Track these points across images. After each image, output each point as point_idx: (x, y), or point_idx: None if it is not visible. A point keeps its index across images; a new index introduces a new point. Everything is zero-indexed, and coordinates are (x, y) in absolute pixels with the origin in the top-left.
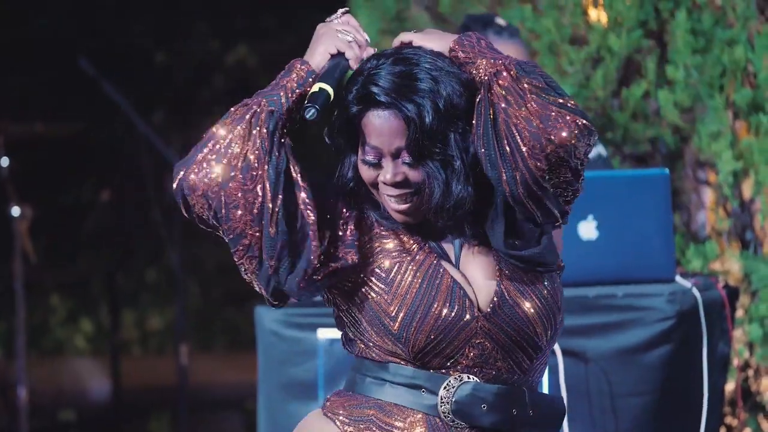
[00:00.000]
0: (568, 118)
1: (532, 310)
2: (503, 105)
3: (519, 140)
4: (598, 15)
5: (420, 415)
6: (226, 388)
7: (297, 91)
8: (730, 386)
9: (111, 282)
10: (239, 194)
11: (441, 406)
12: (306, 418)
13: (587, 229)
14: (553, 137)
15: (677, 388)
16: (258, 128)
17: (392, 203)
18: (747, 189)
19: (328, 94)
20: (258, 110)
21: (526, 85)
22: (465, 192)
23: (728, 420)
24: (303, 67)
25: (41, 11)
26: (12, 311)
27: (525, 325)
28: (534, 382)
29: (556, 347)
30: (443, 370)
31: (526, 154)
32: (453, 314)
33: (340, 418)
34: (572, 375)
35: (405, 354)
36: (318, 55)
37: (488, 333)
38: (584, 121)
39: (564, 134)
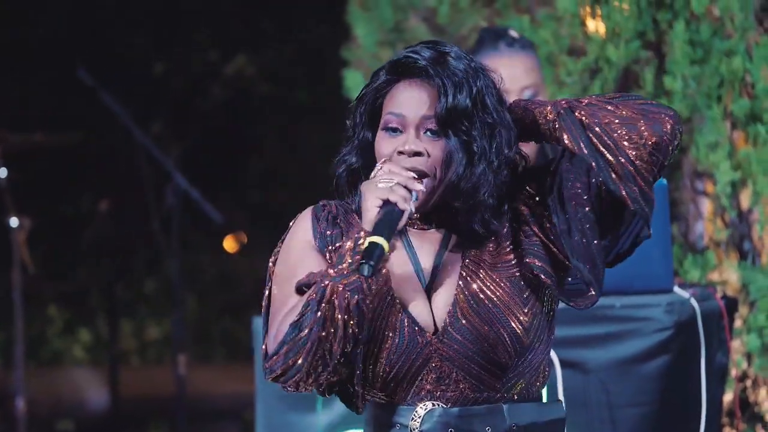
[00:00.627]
0: (664, 111)
1: (488, 329)
2: (595, 120)
3: (624, 147)
4: (596, 26)
5: None
6: (224, 399)
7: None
8: (728, 397)
9: (109, 292)
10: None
11: None
12: None
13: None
14: (663, 128)
15: (675, 399)
16: (342, 322)
17: None
18: (745, 199)
19: (382, 247)
20: (336, 300)
21: (607, 99)
22: (485, 177)
23: (726, 431)
24: (363, 235)
25: (40, 21)
26: (10, 321)
27: (481, 345)
28: (517, 395)
29: (555, 358)
30: (410, 401)
31: (633, 158)
32: (405, 343)
33: None
34: (571, 386)
35: (377, 388)
36: (368, 218)
37: (442, 355)
38: (675, 111)
39: (669, 126)
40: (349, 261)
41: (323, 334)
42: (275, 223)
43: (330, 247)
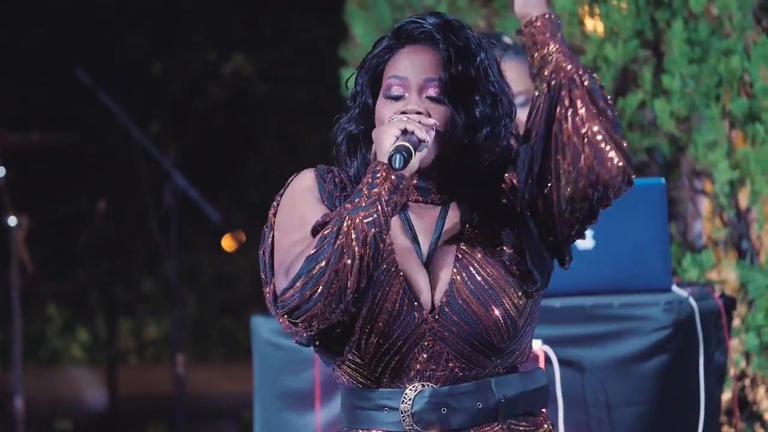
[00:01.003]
0: (620, 163)
1: (483, 311)
2: (569, 114)
3: (568, 158)
4: (594, 25)
5: None
6: (222, 398)
7: (393, 198)
8: (726, 396)
9: (108, 292)
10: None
11: (404, 420)
12: None
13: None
14: (597, 173)
15: (674, 398)
16: (359, 254)
17: None
18: (743, 198)
19: (410, 148)
20: (353, 233)
21: (597, 110)
22: (486, 144)
23: (725, 430)
24: (381, 168)
25: (39, 22)
26: (9, 321)
27: (476, 326)
28: (504, 369)
29: (553, 357)
30: (399, 382)
31: (564, 174)
32: (401, 317)
33: None
34: (568, 385)
35: (363, 364)
36: (384, 149)
37: (436, 334)
38: (630, 174)
39: (607, 177)
40: (366, 194)
41: (340, 265)
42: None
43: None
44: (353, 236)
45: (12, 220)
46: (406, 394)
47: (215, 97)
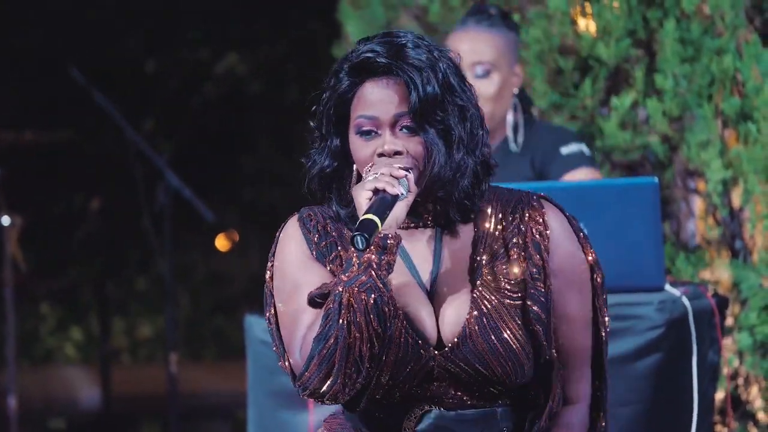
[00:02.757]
0: None
1: (499, 347)
2: None
3: None
4: (586, 24)
5: None
6: (216, 397)
7: (384, 259)
8: (719, 395)
9: (101, 290)
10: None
11: None
12: None
13: None
14: None
15: (667, 397)
16: (365, 323)
17: None
18: (736, 198)
19: (374, 221)
20: (354, 304)
21: None
22: (464, 162)
23: (718, 429)
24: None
25: (33, 21)
26: (2, 319)
27: (485, 366)
28: (515, 400)
29: None
30: (407, 404)
31: None
32: (407, 357)
33: None
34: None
35: (374, 399)
36: (362, 210)
37: (446, 371)
38: None
39: None
40: (357, 263)
41: (350, 339)
42: (267, 221)
43: (328, 258)
44: (355, 307)
45: (5, 219)
46: (413, 411)
47: (209, 96)
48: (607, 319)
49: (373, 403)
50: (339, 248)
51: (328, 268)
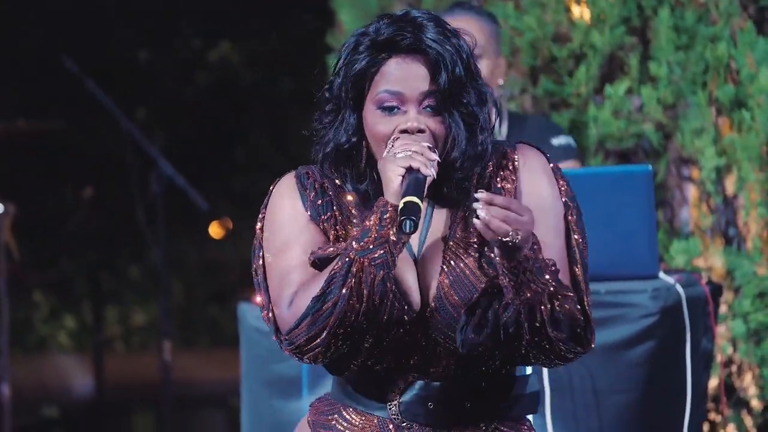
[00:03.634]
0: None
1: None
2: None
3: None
4: (581, 12)
5: (375, 420)
6: (209, 385)
7: (401, 238)
8: (713, 382)
9: (94, 279)
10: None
11: (390, 409)
12: (297, 427)
13: None
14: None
15: (660, 385)
16: (367, 296)
17: None
18: (730, 185)
19: (419, 205)
20: (362, 275)
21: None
22: (485, 146)
23: (712, 416)
24: (389, 208)
25: (25, 10)
26: None
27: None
28: (498, 370)
29: None
30: (393, 374)
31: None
32: (393, 320)
33: (314, 425)
34: (555, 371)
35: (359, 364)
36: (392, 188)
37: (428, 335)
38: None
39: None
40: (375, 236)
41: (348, 308)
42: (259, 211)
43: (323, 217)
44: (362, 278)
45: None
46: (397, 383)
47: (202, 85)
48: (584, 258)
49: (358, 374)
50: (335, 208)
51: (322, 227)
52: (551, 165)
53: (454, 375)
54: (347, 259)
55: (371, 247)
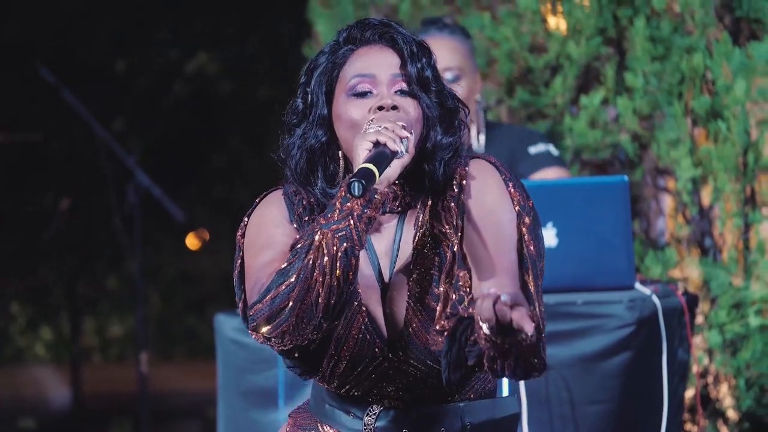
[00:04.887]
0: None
1: (442, 342)
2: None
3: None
4: (557, 23)
5: None
6: (186, 396)
7: (366, 213)
8: (689, 393)
9: (71, 290)
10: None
11: (365, 431)
12: None
13: (546, 237)
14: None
15: (637, 396)
16: (329, 268)
17: None
18: (706, 196)
19: (372, 171)
20: (324, 248)
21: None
22: (459, 133)
23: (688, 427)
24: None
25: (1, 19)
26: None
27: (434, 359)
28: (476, 394)
29: None
30: (368, 398)
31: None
32: (363, 353)
33: None
34: (531, 382)
35: (335, 385)
36: (358, 162)
37: (399, 370)
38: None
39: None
40: (339, 209)
41: (311, 281)
42: (238, 219)
43: None
44: (324, 251)
45: None
46: (372, 408)
47: (179, 95)
48: (537, 268)
49: (334, 398)
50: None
51: None
52: (503, 175)
53: (429, 401)
54: (311, 233)
55: (335, 218)
